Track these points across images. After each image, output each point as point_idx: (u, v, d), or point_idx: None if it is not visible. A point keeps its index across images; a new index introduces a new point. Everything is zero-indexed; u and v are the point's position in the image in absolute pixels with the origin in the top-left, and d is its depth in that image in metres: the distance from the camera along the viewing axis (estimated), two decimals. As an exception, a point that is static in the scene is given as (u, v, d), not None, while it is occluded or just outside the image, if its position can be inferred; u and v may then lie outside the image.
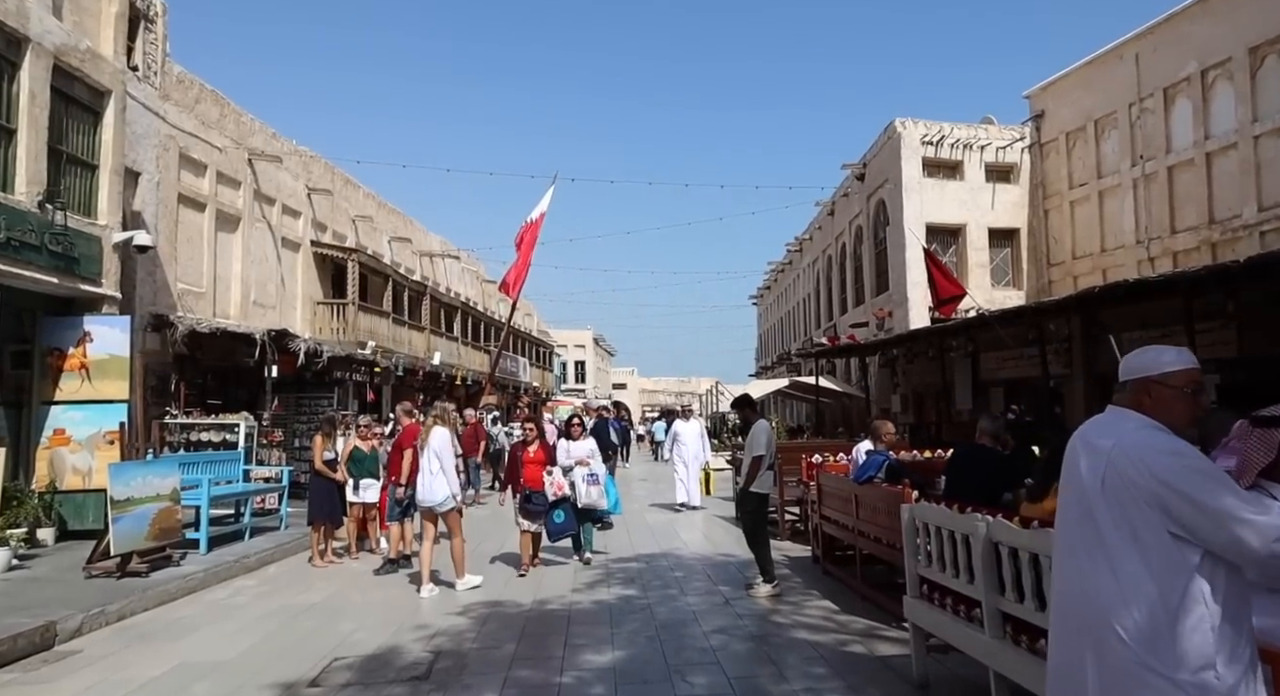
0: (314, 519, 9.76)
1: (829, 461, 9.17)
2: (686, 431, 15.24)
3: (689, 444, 14.96)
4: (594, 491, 9.24)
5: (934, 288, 13.46)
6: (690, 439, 15.03)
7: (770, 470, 7.74)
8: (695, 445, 15.04)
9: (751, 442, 7.74)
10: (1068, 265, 22.32)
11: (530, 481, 8.89)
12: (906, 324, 22.06)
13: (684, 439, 15.03)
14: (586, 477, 9.23)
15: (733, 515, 13.35)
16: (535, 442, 9.16)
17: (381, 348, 21.89)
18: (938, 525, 4.66)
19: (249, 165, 18.05)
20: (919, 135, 23.03)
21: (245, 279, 17.89)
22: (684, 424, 15.55)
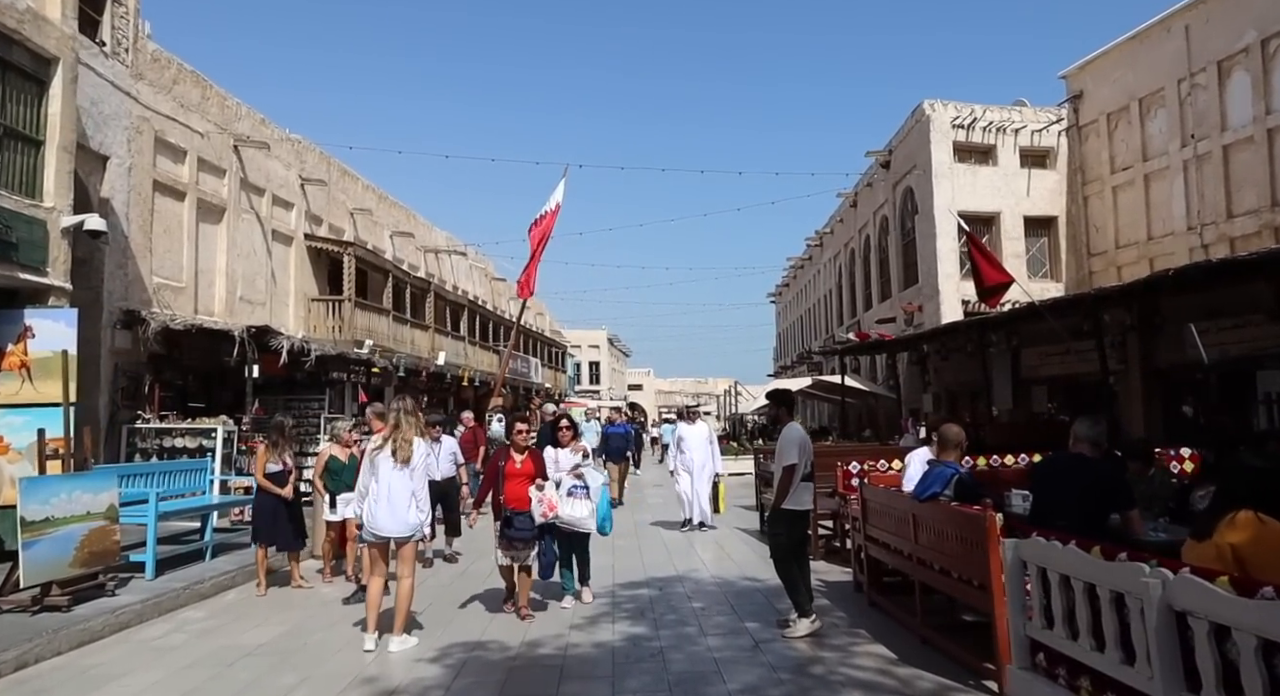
0: (256, 539, 8.54)
1: (873, 471, 7.85)
2: (692, 436, 12.90)
3: (695, 451, 12.71)
4: (579, 507, 7.22)
5: (978, 276, 12.11)
6: (696, 445, 12.79)
7: (808, 482, 6.44)
8: (703, 452, 12.77)
9: (782, 449, 6.41)
10: (1110, 255, 20.85)
11: (513, 500, 6.96)
12: (938, 318, 20.68)
13: (689, 445, 12.77)
14: (572, 488, 7.30)
15: (756, 528, 12.04)
16: (526, 451, 7.28)
17: (381, 347, 20.71)
18: (1067, 573, 3.33)
19: (234, 152, 16.90)
20: (949, 118, 21.63)
21: (231, 273, 16.73)
22: (689, 427, 13.17)
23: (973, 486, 5.38)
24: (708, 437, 13.04)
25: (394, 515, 6.19)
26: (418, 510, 6.31)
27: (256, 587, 8.49)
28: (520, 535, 6.89)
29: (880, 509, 6.63)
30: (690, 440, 12.79)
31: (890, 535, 6.37)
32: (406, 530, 6.26)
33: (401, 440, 6.30)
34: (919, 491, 5.57)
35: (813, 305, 39.48)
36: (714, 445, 13.09)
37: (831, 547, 9.56)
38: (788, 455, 6.30)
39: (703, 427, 13.28)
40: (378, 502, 6.21)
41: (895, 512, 6.21)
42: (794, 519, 6.41)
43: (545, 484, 7.10)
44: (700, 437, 12.90)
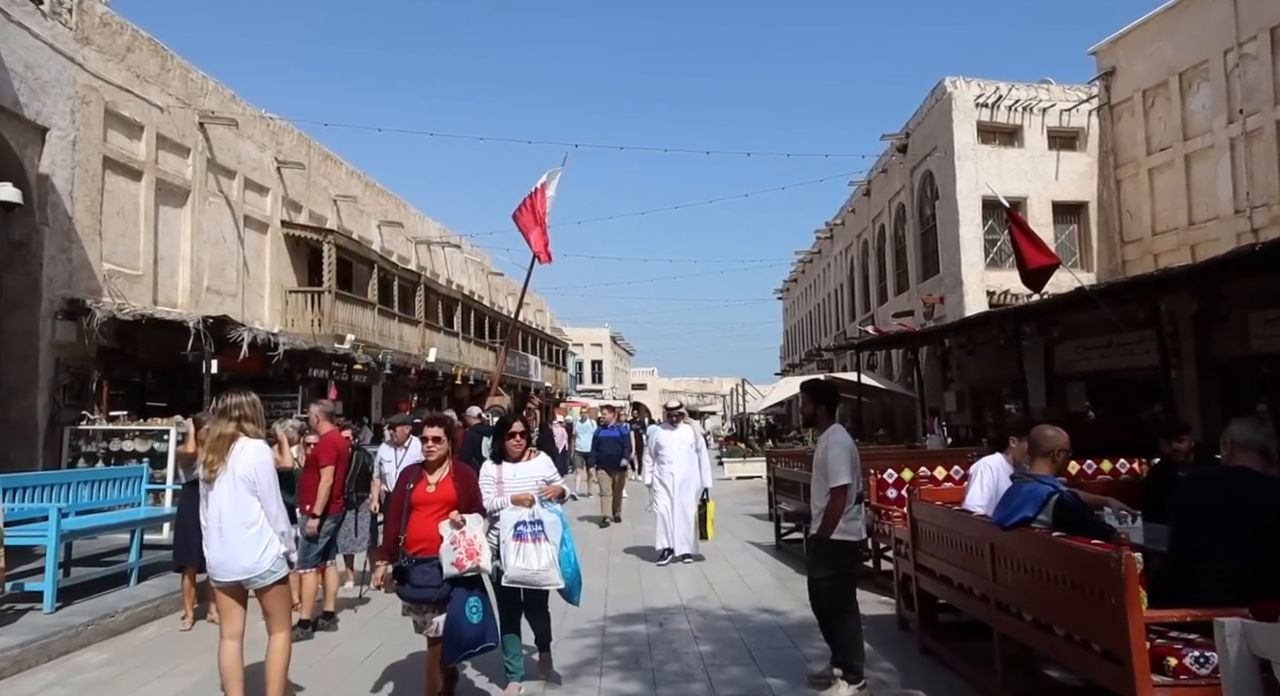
0: (179, 560, 7.17)
1: (924, 482, 6.45)
2: (674, 443, 10.04)
3: (676, 461, 9.94)
4: (531, 555, 4.94)
5: (1020, 258, 10.73)
6: (678, 454, 9.98)
7: (860, 504, 5.05)
8: (686, 463, 9.96)
9: (828, 464, 4.91)
10: (1146, 242, 19.44)
11: (415, 540, 4.73)
12: (961, 310, 19.28)
13: (669, 454, 9.99)
14: (519, 528, 4.98)
15: (771, 542, 10.65)
16: (442, 467, 4.91)
17: (364, 342, 19.36)
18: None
19: (200, 129, 15.55)
20: (972, 96, 20.21)
21: (196, 261, 15.38)
22: (669, 433, 10.15)
23: (1079, 512, 3.99)
24: (692, 444, 10.10)
25: (227, 549, 4.47)
26: (268, 539, 4.52)
27: (181, 620, 7.14)
28: (420, 594, 4.66)
29: (938, 532, 5.24)
30: (671, 448, 10.00)
31: (954, 567, 4.98)
32: (247, 570, 4.47)
33: (212, 447, 4.58)
34: (1003, 515, 4.17)
35: (822, 300, 38.07)
36: (702, 454, 10.20)
37: (863, 570, 8.16)
38: (837, 471, 4.82)
39: (686, 432, 10.19)
40: (209, 535, 4.54)
41: (962, 539, 4.82)
42: (844, 552, 4.96)
43: (467, 519, 4.70)
44: (683, 445, 10.03)
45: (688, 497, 9.85)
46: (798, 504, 9.49)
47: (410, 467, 5.11)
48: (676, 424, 10.25)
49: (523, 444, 5.45)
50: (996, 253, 20.60)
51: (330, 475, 6.72)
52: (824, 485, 4.89)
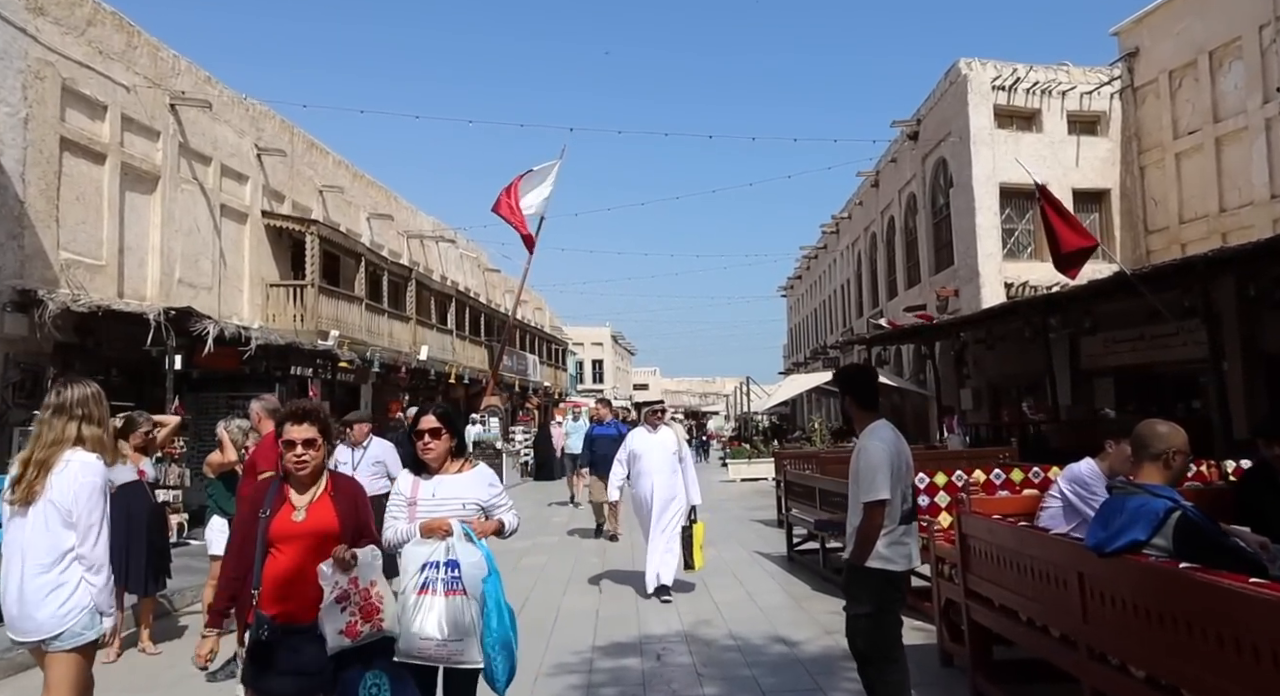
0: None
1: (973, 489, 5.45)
2: (653, 451, 7.89)
3: (655, 473, 7.81)
4: (441, 613, 3.26)
5: (1054, 240, 9.78)
6: (659, 463, 7.82)
7: (908, 524, 4.01)
8: (668, 477, 7.78)
9: (861, 471, 3.91)
10: (1173, 231, 18.45)
11: (273, 598, 3.19)
12: (977, 303, 18.30)
13: (649, 464, 7.86)
14: (425, 572, 3.33)
15: (783, 553, 9.68)
16: (316, 485, 3.44)
17: (350, 339, 18.41)
18: None
19: (171, 112, 14.61)
20: (989, 78, 19.24)
21: (167, 251, 14.44)
22: (648, 437, 8.00)
23: (1213, 535, 3.02)
24: (675, 452, 7.84)
25: (23, 600, 3.29)
26: (74, 588, 3.32)
27: (104, 650, 6.16)
28: (290, 688, 3.11)
29: (999, 554, 4.26)
30: (651, 457, 7.80)
31: (1022, 598, 4.01)
32: (40, 629, 3.29)
33: (35, 458, 3.40)
34: (1102, 537, 3.19)
35: (828, 297, 37.09)
36: (687, 464, 7.88)
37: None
38: (872, 483, 3.78)
39: (668, 437, 7.98)
40: (7, 579, 3.36)
41: (1035, 565, 3.84)
42: (884, 584, 3.91)
43: (359, 556, 3.16)
44: (665, 453, 7.80)
45: (672, 520, 7.65)
46: (811, 511, 8.52)
47: (263, 483, 3.61)
48: (657, 426, 8.03)
49: (442, 447, 3.65)
50: (1014, 243, 19.64)
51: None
52: (858, 499, 3.91)
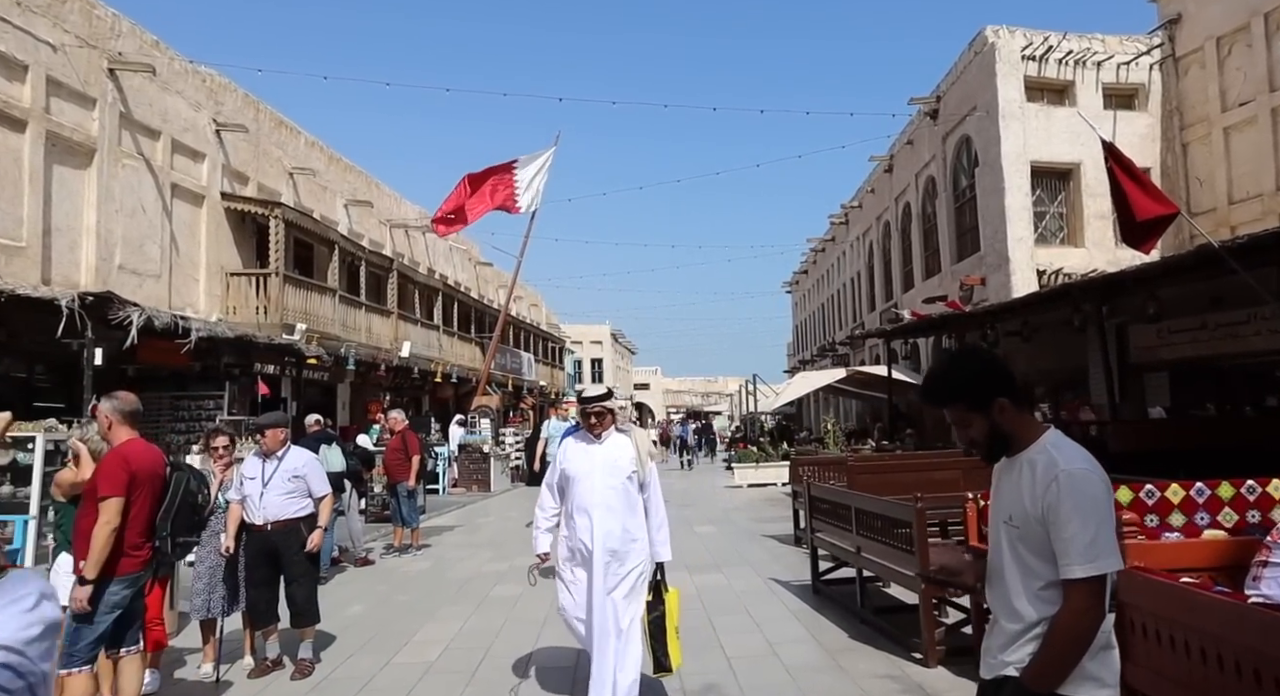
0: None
1: (1151, 528, 3.78)
2: (593, 471, 4.65)
3: (596, 511, 4.58)
4: None
5: (1125, 207, 8.20)
6: (601, 491, 4.61)
7: (1113, 613, 2.19)
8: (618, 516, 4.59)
9: (1067, 520, 2.04)
10: (1220, 213, 16.81)
11: None
12: (1007, 292, 16.69)
13: (584, 492, 4.62)
14: None
15: (803, 581, 8.04)
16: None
17: (321, 333, 16.82)
18: None
19: (110, 77, 13.02)
20: (1018, 48, 17.61)
21: (105, 234, 12.85)
22: (585, 447, 4.75)
23: None
24: (631, 472, 4.67)
25: None
26: None
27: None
28: None
29: (1199, 644, 2.63)
30: (589, 480, 4.64)
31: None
32: None
33: None
34: None
35: (836, 291, 35.45)
36: (652, 492, 4.78)
37: (961, 644, 5.53)
38: (1092, 541, 2.03)
39: (619, 450, 4.71)
40: None
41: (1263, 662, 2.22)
42: None
43: None
44: (609, 475, 4.64)
45: (625, 587, 4.53)
46: (844, 535, 6.90)
47: None
48: (600, 430, 4.70)
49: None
50: (1044, 227, 18.01)
51: (116, 513, 4.15)
52: (1036, 568, 2.15)
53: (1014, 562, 2.18)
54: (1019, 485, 2.18)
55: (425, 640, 6.60)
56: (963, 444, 2.32)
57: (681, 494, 19.55)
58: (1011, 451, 2.24)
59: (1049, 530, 2.07)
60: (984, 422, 2.23)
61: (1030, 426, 2.24)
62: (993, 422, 2.22)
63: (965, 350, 2.29)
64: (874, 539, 6.14)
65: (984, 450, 2.28)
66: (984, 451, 2.28)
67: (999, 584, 2.24)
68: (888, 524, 5.88)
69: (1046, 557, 2.10)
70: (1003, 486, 2.28)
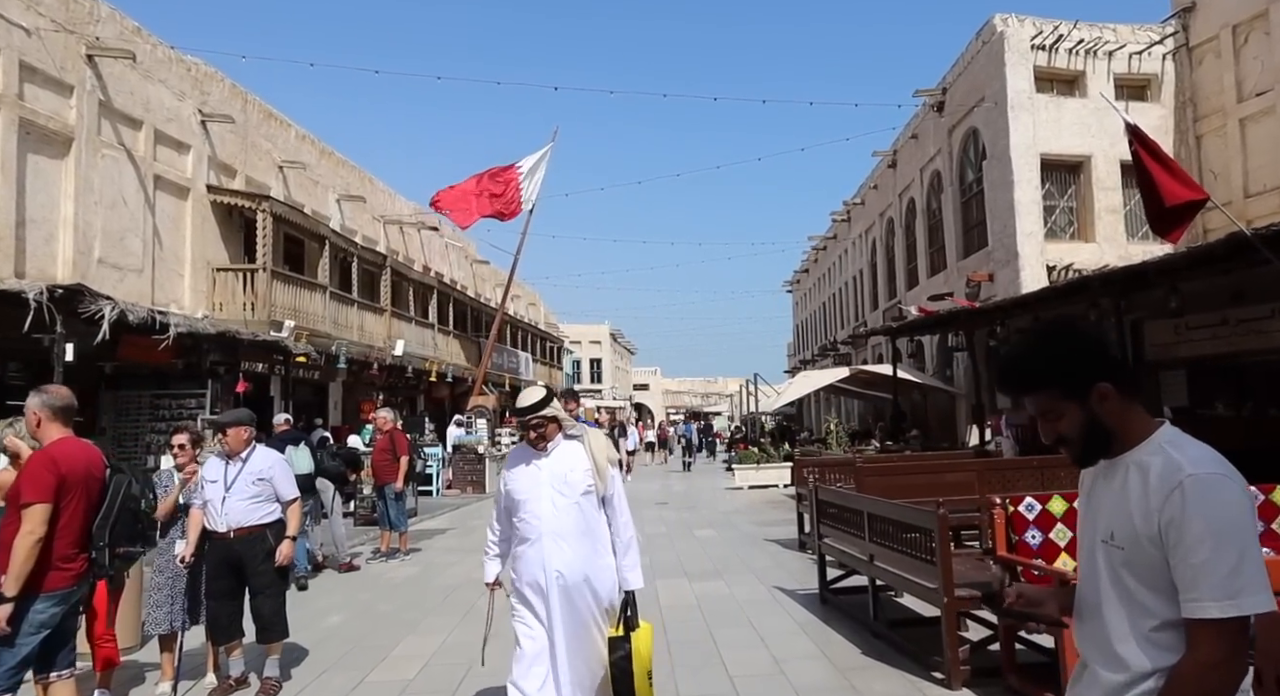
0: None
1: None
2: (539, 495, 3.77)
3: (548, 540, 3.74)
4: None
5: (1153, 192, 7.74)
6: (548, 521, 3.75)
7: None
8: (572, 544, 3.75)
9: (1198, 542, 1.54)
10: (1236, 206, 16.30)
11: None
12: (1016, 288, 16.23)
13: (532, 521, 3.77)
14: None
15: (810, 589, 7.57)
16: None
17: (311, 331, 16.37)
18: None
19: (89, 64, 12.56)
20: (1028, 37, 17.14)
21: (83, 227, 12.39)
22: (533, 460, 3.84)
23: None
24: (587, 487, 3.80)
25: None
26: None
27: None
28: None
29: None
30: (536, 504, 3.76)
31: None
32: None
33: None
34: None
35: (838, 290, 34.97)
36: (616, 509, 3.93)
37: (987, 665, 5.05)
38: (1235, 570, 1.52)
39: (571, 461, 3.83)
40: None
41: None
42: None
43: None
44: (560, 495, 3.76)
45: (585, 627, 3.82)
46: (856, 542, 6.43)
47: None
48: (547, 446, 3.85)
49: None
50: (1054, 221, 17.54)
51: (41, 521, 3.68)
52: (1148, 603, 1.64)
53: (1116, 595, 1.70)
54: (1124, 495, 1.70)
55: (405, 655, 6.13)
56: (1048, 440, 1.83)
57: (681, 496, 19.09)
58: (1113, 452, 1.77)
59: (1168, 554, 1.60)
60: (1079, 414, 1.75)
61: (1139, 420, 1.77)
62: (1090, 414, 1.74)
63: (1057, 324, 1.78)
64: (889, 547, 5.67)
65: (1077, 449, 1.80)
66: (1077, 451, 1.80)
67: (1093, 621, 1.76)
68: (905, 531, 5.41)
69: (1163, 590, 1.62)
70: (1099, 496, 1.80)
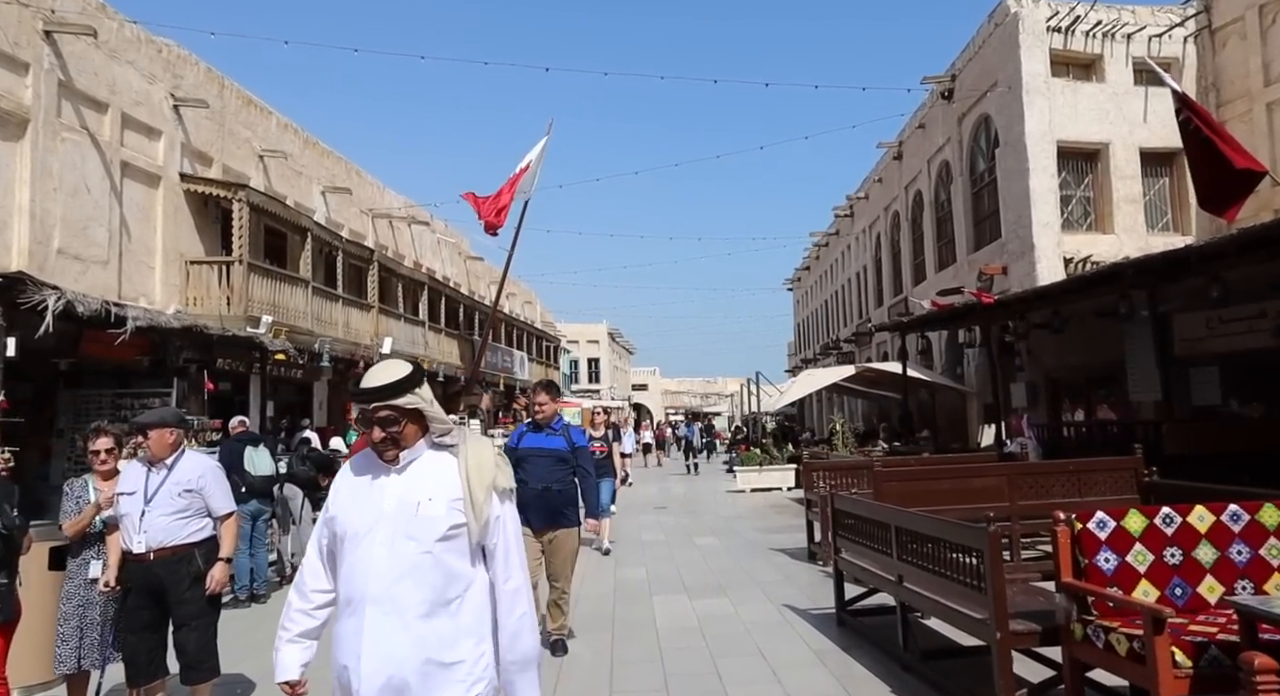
0: None
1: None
2: (376, 519, 2.37)
3: (371, 608, 2.34)
4: None
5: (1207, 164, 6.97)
6: (374, 588, 2.33)
7: None
8: (401, 622, 2.32)
9: None
10: (1262, 196, 15.42)
11: None
12: (1031, 281, 15.45)
13: (355, 563, 2.38)
14: None
15: (825, 608, 6.75)
16: None
17: (291, 327, 15.57)
18: None
19: (46, 40, 11.75)
20: (1043, 19, 16.36)
21: (41, 215, 11.57)
22: (368, 491, 2.42)
23: None
24: (445, 524, 2.35)
25: None
26: None
27: None
28: None
29: None
30: (367, 548, 2.36)
31: None
32: None
33: None
34: None
35: (840, 287, 34.20)
36: (501, 556, 2.46)
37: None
38: None
39: (440, 475, 2.41)
40: None
41: None
42: None
43: None
44: (413, 531, 2.34)
45: None
46: (882, 561, 5.63)
47: None
48: (394, 453, 2.42)
49: None
50: (1070, 212, 16.76)
51: None
52: None
53: None
54: None
55: (363, 691, 5.31)
56: None
57: (681, 499, 18.31)
58: None
59: None
60: None
61: None
62: None
63: None
64: (923, 567, 4.87)
65: None
66: None
67: None
68: (944, 549, 4.61)
69: None
70: None
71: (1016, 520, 7.38)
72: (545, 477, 5.86)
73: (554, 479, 5.88)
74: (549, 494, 5.83)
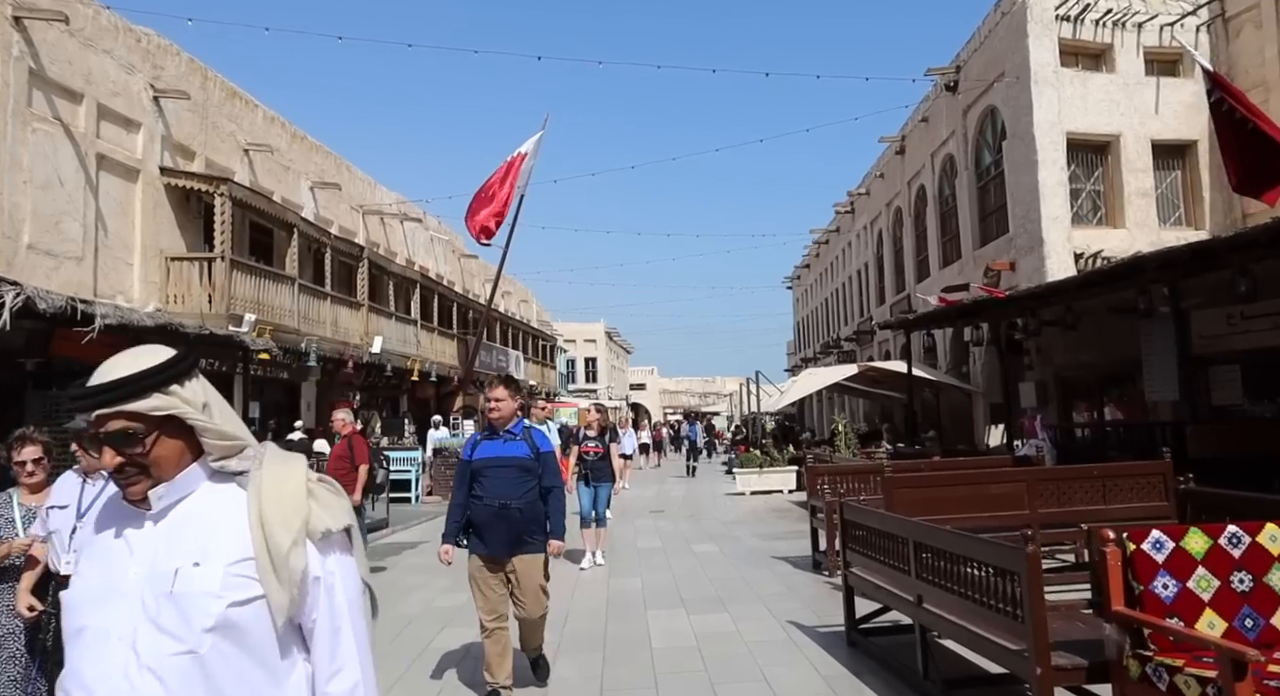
0: None
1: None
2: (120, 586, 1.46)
3: None
4: None
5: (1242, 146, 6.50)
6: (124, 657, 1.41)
7: None
8: None
9: None
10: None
11: None
12: (1041, 277, 14.96)
13: (85, 649, 1.45)
14: None
15: (833, 626, 6.24)
16: None
17: (276, 325, 15.06)
18: None
19: (16, 27, 11.25)
20: (1052, 7, 15.87)
21: (11, 209, 11.10)
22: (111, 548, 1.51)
23: None
24: (223, 601, 1.43)
25: None
26: None
27: None
28: None
29: None
30: (102, 634, 1.43)
31: None
32: None
33: None
34: None
35: (841, 285, 33.71)
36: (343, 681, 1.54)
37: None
38: None
39: (220, 522, 1.50)
40: None
41: None
42: None
43: None
44: (171, 611, 1.42)
45: None
46: (898, 579, 5.13)
47: None
48: (142, 486, 1.48)
49: None
50: (1080, 206, 16.27)
51: None
52: None
53: None
54: None
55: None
56: None
57: (679, 503, 17.80)
58: None
59: None
60: None
61: None
62: None
63: None
64: (946, 588, 4.37)
65: None
66: None
67: None
68: (971, 569, 4.11)
69: None
70: None
71: (1037, 529, 6.89)
72: (504, 493, 4.89)
73: (515, 494, 4.89)
74: (508, 512, 4.85)
